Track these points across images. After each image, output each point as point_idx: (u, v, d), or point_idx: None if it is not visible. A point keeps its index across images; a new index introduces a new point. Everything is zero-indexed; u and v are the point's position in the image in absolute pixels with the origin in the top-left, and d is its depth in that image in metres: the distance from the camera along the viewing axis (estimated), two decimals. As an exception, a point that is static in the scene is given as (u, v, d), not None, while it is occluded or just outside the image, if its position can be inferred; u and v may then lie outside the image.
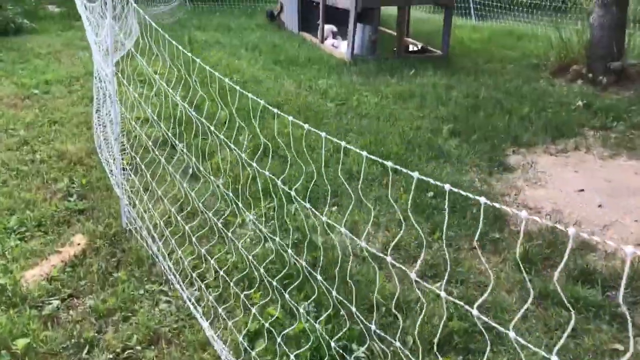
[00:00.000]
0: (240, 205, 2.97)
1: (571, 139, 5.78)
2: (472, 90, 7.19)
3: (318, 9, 11.55)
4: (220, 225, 3.10)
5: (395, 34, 9.22)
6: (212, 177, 3.64)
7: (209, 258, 3.03)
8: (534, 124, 6.10)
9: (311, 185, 4.06)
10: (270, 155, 4.70)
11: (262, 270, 2.71)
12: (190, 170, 4.55)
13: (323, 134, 1.99)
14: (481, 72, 8.08)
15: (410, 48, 9.34)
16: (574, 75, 8.08)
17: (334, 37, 10.05)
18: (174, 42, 2.93)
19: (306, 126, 2.04)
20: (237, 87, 2.44)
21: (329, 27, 9.98)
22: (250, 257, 2.80)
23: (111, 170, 4.29)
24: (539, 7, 12.64)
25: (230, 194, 3.01)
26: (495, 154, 5.32)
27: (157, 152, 3.79)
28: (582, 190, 4.71)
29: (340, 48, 9.48)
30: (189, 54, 2.80)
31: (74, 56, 8.40)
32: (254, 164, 2.35)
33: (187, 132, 4.93)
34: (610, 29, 7.90)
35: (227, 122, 5.38)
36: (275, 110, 2.21)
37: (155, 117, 4.97)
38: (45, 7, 12.69)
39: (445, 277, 3.22)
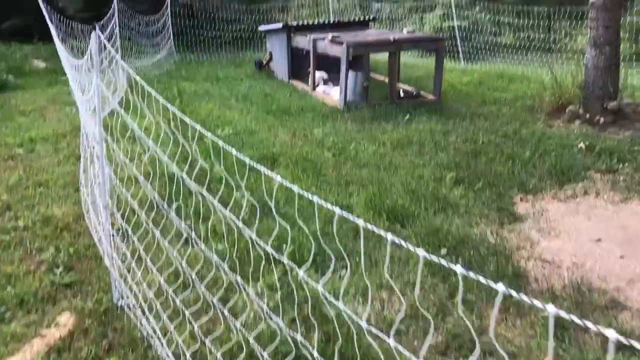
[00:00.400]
0: (239, 280, 2.68)
1: (579, 184, 5.58)
2: (469, 134, 7.02)
3: (308, 57, 11.52)
4: (217, 300, 2.80)
5: (385, 79, 9.14)
6: (204, 246, 3.36)
7: (206, 339, 2.72)
8: (538, 168, 5.91)
9: (315, 247, 3.79)
10: (272, 212, 4.43)
11: (266, 356, 2.41)
12: (185, 234, 4.26)
13: (315, 199, 1.84)
14: (476, 116, 7.94)
15: (401, 94, 9.23)
16: (571, 116, 7.97)
17: (324, 84, 9.94)
18: (160, 98, 2.71)
19: (296, 189, 1.80)
20: (226, 145, 2.19)
21: (319, 74, 9.88)
22: (252, 339, 2.50)
23: (100, 238, 3.99)
24: (527, 49, 12.71)
25: (227, 268, 2.73)
26: (503, 202, 5.10)
27: (146, 216, 3.51)
28: (599, 240, 4.47)
29: (332, 95, 9.35)
30: (177, 112, 2.58)
31: (60, 112, 8.17)
32: (254, 236, 2.08)
33: (182, 191, 4.66)
34: (605, 69, 7.84)
35: (222, 178, 5.18)
36: (267, 171, 1.97)
37: (144, 178, 4.68)
38: (31, 62, 12.54)
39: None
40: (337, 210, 1.69)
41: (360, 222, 1.58)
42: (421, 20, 14.65)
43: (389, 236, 1.45)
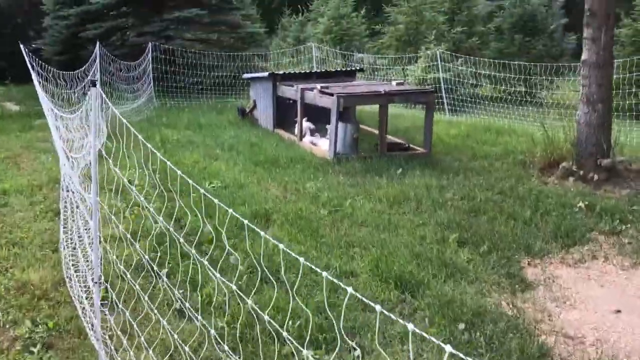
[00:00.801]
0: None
1: (584, 246, 5.39)
2: (466, 191, 6.83)
3: (294, 107, 11.35)
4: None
5: (374, 130, 9.00)
6: (201, 321, 3.00)
7: None
8: (541, 229, 5.72)
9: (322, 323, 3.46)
10: (271, 278, 4.09)
11: None
12: (178, 304, 3.89)
13: (325, 274, 1.73)
14: (469, 171, 7.78)
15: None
16: (564, 172, 7.86)
17: (311, 134, 9.74)
18: (149, 145, 2.42)
19: (302, 260, 1.52)
20: (218, 201, 1.90)
21: (306, 124, 9.69)
22: None
23: (83, 308, 3.59)
24: (507, 101, 12.79)
25: (227, 348, 2.39)
26: (511, 267, 4.86)
27: (134, 281, 3.15)
28: (619, 311, 4.24)
29: (321, 145, 9.14)
30: (168, 163, 2.29)
31: (36, 161, 7.75)
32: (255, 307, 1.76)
33: (172, 252, 4.31)
34: (598, 127, 7.80)
35: (213, 239, 4.83)
36: (271, 239, 1.68)
37: (131, 237, 4.36)
38: (4, 105, 12.09)
39: None
40: (350, 289, 1.63)
41: (378, 308, 1.52)
42: (404, 71, 14.71)
43: (410, 326, 1.36)
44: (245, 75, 12.07)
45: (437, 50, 13.20)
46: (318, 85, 8.91)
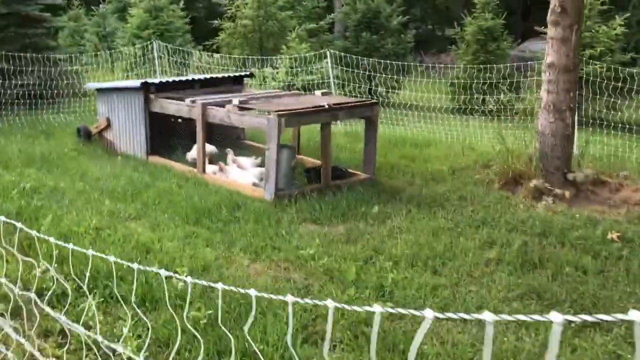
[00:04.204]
0: None
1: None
2: (483, 235, 5.43)
3: (171, 125, 8.83)
4: None
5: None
6: None
7: None
8: (610, 280, 4.58)
9: None
10: None
11: None
12: None
13: None
14: (441, 201, 6.39)
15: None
16: (534, 191, 6.92)
17: (214, 162, 7.46)
18: None
19: None
20: None
21: (209, 149, 7.37)
22: None
23: None
24: (417, 108, 11.79)
25: None
26: None
27: None
28: None
29: (236, 178, 6.95)
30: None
31: None
32: None
33: None
34: (564, 137, 7.03)
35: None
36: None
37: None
38: None
39: None
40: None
41: None
42: (262, 74, 12.80)
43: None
44: (91, 85, 9.09)
45: (328, 50, 11.60)
46: (235, 101, 6.68)
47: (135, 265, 2.12)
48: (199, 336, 2.45)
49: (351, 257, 4.69)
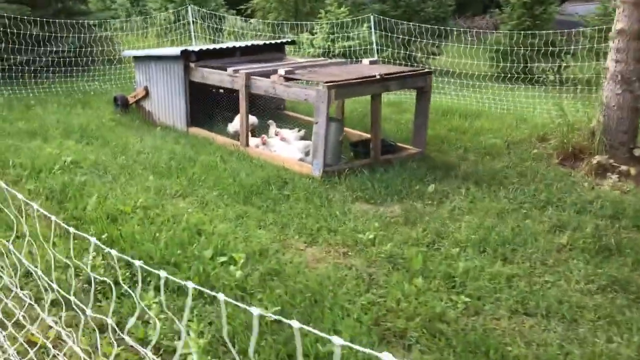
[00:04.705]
0: None
1: None
2: (554, 218, 5.06)
3: (214, 94, 8.57)
4: None
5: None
6: None
7: None
8: None
9: None
10: None
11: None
12: None
13: None
14: (500, 178, 6.00)
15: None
16: (597, 168, 6.48)
17: (255, 134, 7.17)
18: None
19: None
20: None
21: (250, 121, 7.07)
22: None
23: None
24: (457, 76, 11.29)
25: None
26: None
27: None
28: None
29: (280, 152, 6.66)
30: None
31: None
32: None
33: None
34: (631, 110, 6.55)
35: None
36: None
37: None
38: None
39: None
40: None
41: None
42: (299, 40, 12.34)
43: None
44: (128, 52, 8.82)
45: (372, 14, 11.10)
46: (281, 71, 6.33)
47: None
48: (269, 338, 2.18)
49: (413, 242, 4.38)
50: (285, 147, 6.85)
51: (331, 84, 5.79)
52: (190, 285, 1.47)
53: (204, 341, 2.79)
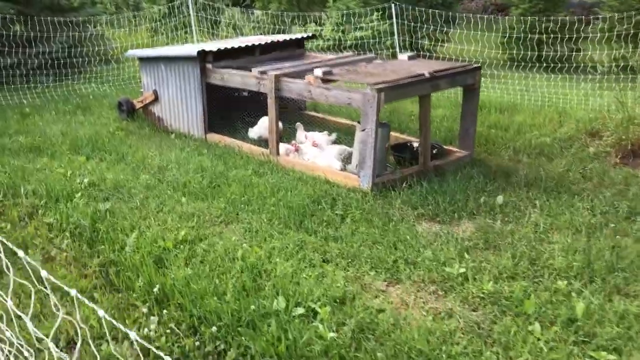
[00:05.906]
0: None
1: None
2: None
3: (232, 97, 7.89)
4: None
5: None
6: None
7: None
8: None
9: None
10: None
11: None
12: None
13: None
14: (564, 188, 5.40)
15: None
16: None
17: (283, 139, 6.49)
18: None
19: None
20: None
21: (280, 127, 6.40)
22: None
23: None
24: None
25: None
26: None
27: None
28: None
29: (317, 161, 6.00)
30: None
31: None
32: None
33: None
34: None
35: None
36: None
37: None
38: None
39: None
40: None
41: None
42: (305, 31, 11.59)
43: None
44: (132, 52, 8.04)
45: (393, 2, 10.36)
46: (318, 71, 5.65)
47: None
48: None
49: (509, 275, 3.77)
50: (319, 154, 6.19)
51: (380, 85, 5.13)
52: None
53: None
